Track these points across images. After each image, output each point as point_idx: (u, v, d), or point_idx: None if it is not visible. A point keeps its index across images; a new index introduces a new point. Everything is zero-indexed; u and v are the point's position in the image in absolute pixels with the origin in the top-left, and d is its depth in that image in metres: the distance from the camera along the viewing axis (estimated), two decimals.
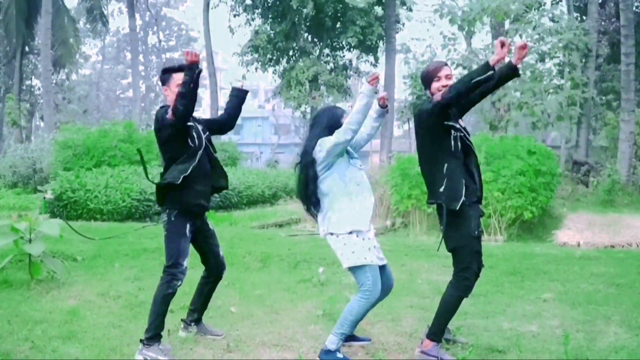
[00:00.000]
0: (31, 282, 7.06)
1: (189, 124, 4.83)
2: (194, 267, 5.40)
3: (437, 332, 4.74)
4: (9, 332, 5.31)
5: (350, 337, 5.05)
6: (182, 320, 5.35)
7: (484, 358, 4.72)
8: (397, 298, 6.06)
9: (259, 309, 6.21)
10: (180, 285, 4.85)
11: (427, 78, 4.84)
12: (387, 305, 6.32)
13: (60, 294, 6.81)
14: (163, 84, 4.99)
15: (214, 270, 5.25)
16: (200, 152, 4.85)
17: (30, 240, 7.04)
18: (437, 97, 4.65)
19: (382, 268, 4.83)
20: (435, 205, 4.92)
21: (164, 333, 4.84)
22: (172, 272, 4.80)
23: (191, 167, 4.77)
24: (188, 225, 4.88)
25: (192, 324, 5.26)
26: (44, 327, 5.46)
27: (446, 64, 4.85)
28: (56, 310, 6.12)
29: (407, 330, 5.49)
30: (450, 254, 4.82)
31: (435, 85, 4.77)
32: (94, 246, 9.40)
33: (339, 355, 4.67)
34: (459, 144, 4.70)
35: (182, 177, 4.72)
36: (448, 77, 4.74)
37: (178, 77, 4.82)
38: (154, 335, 4.73)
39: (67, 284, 7.20)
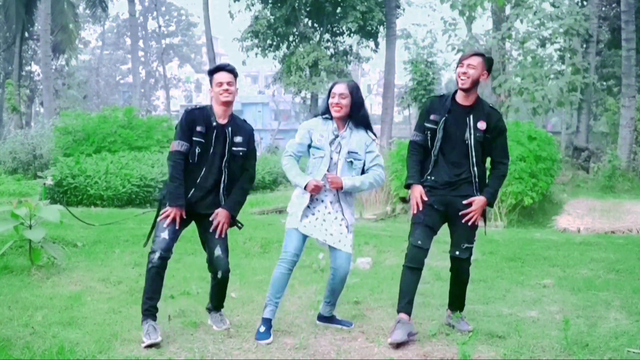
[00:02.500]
0: (31, 268, 7.06)
1: (197, 139, 4.94)
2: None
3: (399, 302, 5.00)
4: (9, 318, 5.32)
5: (329, 320, 5.27)
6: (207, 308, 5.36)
7: (484, 343, 4.73)
8: (397, 284, 6.04)
9: (259, 294, 6.21)
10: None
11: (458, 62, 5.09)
12: (386, 290, 6.34)
13: (60, 279, 6.82)
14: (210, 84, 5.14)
15: (209, 267, 5.12)
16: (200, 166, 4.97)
17: (30, 226, 7.03)
18: (459, 83, 4.96)
19: (335, 251, 5.00)
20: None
21: (165, 319, 4.83)
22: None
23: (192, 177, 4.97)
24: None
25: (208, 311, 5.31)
26: (45, 313, 5.46)
27: (472, 55, 5.02)
28: (57, 296, 6.12)
29: None
30: (449, 239, 5.01)
31: (458, 70, 4.98)
32: (94, 232, 9.41)
33: (261, 329, 4.90)
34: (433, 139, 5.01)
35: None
36: (470, 66, 4.92)
37: (218, 77, 4.98)
38: None
39: (67, 270, 7.21)
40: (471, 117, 4.94)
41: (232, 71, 5.06)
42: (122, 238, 9.13)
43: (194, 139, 4.92)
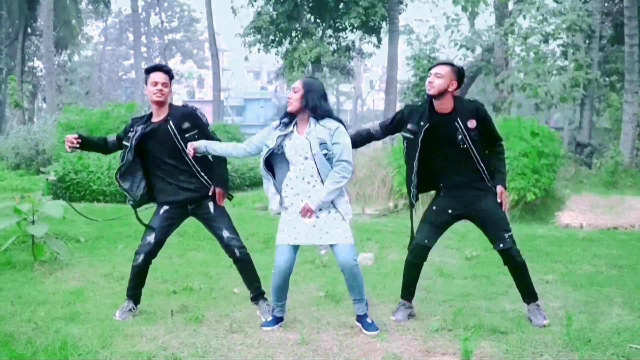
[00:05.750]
0: (34, 264, 7.08)
1: (125, 143, 5.26)
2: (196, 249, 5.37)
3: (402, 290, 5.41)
4: (12, 313, 5.33)
5: (360, 319, 5.04)
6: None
7: (486, 339, 4.73)
8: (399, 279, 6.07)
9: None
10: (139, 259, 5.26)
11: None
12: (389, 286, 6.34)
13: (63, 275, 6.83)
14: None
15: (225, 251, 5.44)
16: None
17: (33, 222, 7.04)
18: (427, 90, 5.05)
19: (334, 246, 4.86)
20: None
21: (167, 314, 4.84)
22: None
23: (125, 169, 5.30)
24: (160, 210, 5.31)
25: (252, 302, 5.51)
26: (47, 308, 5.48)
27: (441, 64, 5.09)
28: (59, 291, 6.14)
29: None
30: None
31: (428, 78, 5.06)
32: (97, 227, 9.41)
33: (269, 318, 5.16)
34: (412, 148, 5.16)
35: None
36: (437, 75, 4.98)
37: (154, 76, 5.16)
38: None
39: (70, 265, 7.22)
40: (458, 120, 4.96)
41: (169, 72, 5.25)
42: (124, 233, 9.14)
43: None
